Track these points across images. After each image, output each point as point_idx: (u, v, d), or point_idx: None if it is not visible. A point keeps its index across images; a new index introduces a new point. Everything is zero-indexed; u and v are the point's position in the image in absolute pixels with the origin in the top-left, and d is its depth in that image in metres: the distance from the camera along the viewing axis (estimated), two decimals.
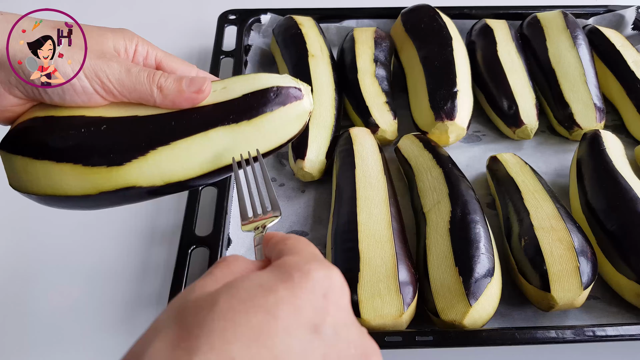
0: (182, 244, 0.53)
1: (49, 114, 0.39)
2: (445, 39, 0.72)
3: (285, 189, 0.65)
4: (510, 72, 0.71)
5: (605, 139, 0.61)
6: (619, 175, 0.56)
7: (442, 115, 0.65)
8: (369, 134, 0.65)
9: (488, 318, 0.48)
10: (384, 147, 0.67)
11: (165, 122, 0.40)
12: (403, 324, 0.48)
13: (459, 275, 0.48)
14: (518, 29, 0.81)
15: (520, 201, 0.55)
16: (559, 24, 0.76)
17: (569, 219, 0.53)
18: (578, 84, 0.69)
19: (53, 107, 0.40)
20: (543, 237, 0.50)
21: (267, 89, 0.41)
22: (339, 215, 0.54)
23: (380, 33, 0.78)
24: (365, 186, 0.56)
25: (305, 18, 0.79)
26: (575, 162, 0.62)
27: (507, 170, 0.60)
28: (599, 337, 0.46)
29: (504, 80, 0.70)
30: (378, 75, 0.71)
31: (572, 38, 0.74)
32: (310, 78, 0.69)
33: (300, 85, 0.43)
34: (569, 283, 0.48)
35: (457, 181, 0.57)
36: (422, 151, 0.62)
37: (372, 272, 0.48)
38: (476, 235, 0.50)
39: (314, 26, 0.78)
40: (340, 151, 0.62)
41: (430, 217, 0.54)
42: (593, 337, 0.46)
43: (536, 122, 0.68)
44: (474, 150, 0.70)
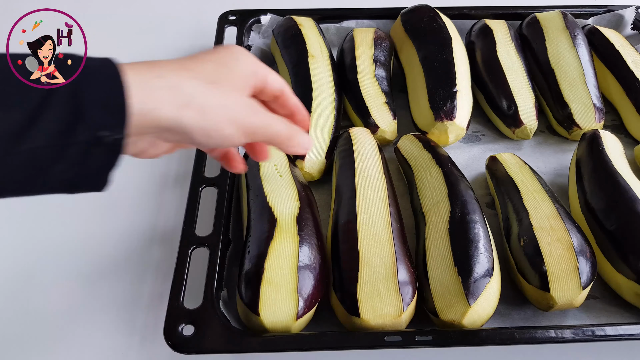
0: (183, 244, 0.53)
1: None
2: (445, 39, 0.72)
3: None
4: (510, 72, 0.71)
5: (605, 139, 0.61)
6: (618, 175, 0.56)
7: (442, 115, 0.65)
8: (369, 134, 0.65)
9: (487, 318, 0.48)
10: (383, 147, 0.67)
11: None
12: (402, 324, 0.48)
13: (458, 275, 0.48)
14: (517, 29, 0.81)
15: (519, 201, 0.55)
16: (558, 24, 0.76)
17: (568, 218, 0.53)
18: (577, 84, 0.70)
19: None
20: (542, 237, 0.50)
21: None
22: (339, 215, 0.54)
23: (380, 33, 0.78)
24: (365, 186, 0.56)
25: (305, 19, 0.79)
26: (575, 162, 0.62)
27: (507, 170, 0.60)
28: (598, 337, 0.46)
29: (503, 80, 0.71)
30: (378, 76, 0.71)
31: (572, 38, 0.74)
32: (310, 78, 0.69)
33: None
34: (568, 283, 0.48)
35: (457, 181, 0.57)
36: (422, 151, 0.62)
37: (372, 272, 0.48)
38: (475, 235, 0.50)
39: (313, 27, 0.78)
40: (340, 151, 0.63)
41: (430, 217, 0.54)
42: (592, 337, 0.46)
43: (535, 122, 0.69)
44: (473, 150, 0.70)
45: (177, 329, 0.46)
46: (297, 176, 0.58)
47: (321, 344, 0.46)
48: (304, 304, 0.46)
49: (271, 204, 0.53)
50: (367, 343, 0.46)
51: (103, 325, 0.53)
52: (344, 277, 0.48)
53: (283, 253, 0.48)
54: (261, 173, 0.58)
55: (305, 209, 0.53)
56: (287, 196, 0.54)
